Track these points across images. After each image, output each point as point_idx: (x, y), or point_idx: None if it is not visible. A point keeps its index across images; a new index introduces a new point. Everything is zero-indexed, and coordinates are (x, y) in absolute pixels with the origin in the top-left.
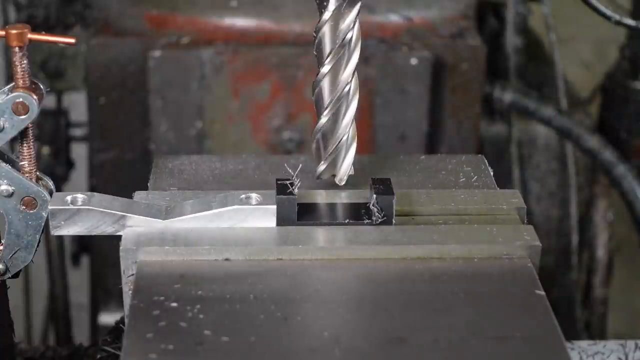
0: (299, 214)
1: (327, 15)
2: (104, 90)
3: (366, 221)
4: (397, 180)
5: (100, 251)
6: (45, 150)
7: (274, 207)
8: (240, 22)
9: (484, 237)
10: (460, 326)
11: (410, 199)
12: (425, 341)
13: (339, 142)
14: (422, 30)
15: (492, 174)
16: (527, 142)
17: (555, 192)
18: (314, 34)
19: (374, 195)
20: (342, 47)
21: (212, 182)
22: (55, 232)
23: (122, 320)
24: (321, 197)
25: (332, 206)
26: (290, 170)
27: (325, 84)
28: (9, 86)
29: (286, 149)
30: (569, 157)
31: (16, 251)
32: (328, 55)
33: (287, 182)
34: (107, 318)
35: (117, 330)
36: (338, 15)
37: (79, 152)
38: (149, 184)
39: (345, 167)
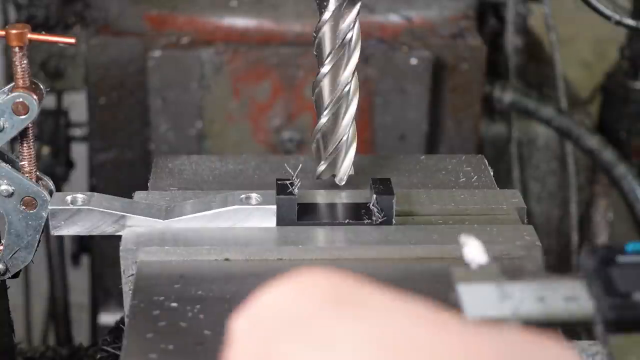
0: (299, 214)
1: (327, 15)
2: (104, 90)
3: (366, 221)
4: (397, 180)
5: (100, 251)
6: (45, 150)
7: (274, 207)
8: (240, 22)
9: (484, 237)
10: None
11: (410, 199)
12: None
13: (339, 142)
14: (422, 30)
15: (492, 174)
16: (527, 142)
17: (555, 192)
18: (314, 34)
19: (374, 195)
20: (342, 47)
21: (212, 182)
22: (55, 232)
23: (122, 320)
24: (321, 197)
25: (332, 206)
26: (290, 170)
27: (325, 84)
28: (9, 86)
29: (286, 149)
30: (569, 157)
31: (16, 251)
32: (328, 55)
33: (287, 182)
34: (107, 318)
35: (117, 330)
36: (338, 15)
37: (79, 152)
38: (149, 184)
39: (345, 167)
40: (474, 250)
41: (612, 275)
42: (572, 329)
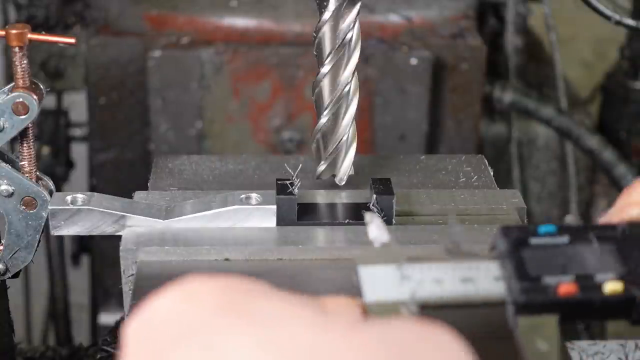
0: (299, 214)
1: (327, 15)
2: (104, 90)
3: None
4: (397, 180)
5: (100, 251)
6: (45, 150)
7: (274, 207)
8: (240, 22)
9: (484, 237)
10: (461, 326)
11: (410, 199)
12: None
13: (339, 142)
14: (422, 30)
15: (492, 174)
16: (527, 142)
17: (555, 192)
18: (314, 34)
19: (374, 195)
20: (342, 47)
21: (212, 182)
22: (55, 232)
23: (122, 320)
24: (321, 197)
25: (332, 206)
26: (290, 170)
27: (325, 84)
28: (9, 86)
29: (286, 149)
30: (569, 157)
31: (16, 251)
32: (328, 55)
33: (287, 182)
34: (107, 318)
35: (117, 330)
36: (338, 15)
37: (79, 152)
38: (149, 184)
39: (345, 167)
40: (377, 229)
41: (524, 257)
42: (572, 329)
